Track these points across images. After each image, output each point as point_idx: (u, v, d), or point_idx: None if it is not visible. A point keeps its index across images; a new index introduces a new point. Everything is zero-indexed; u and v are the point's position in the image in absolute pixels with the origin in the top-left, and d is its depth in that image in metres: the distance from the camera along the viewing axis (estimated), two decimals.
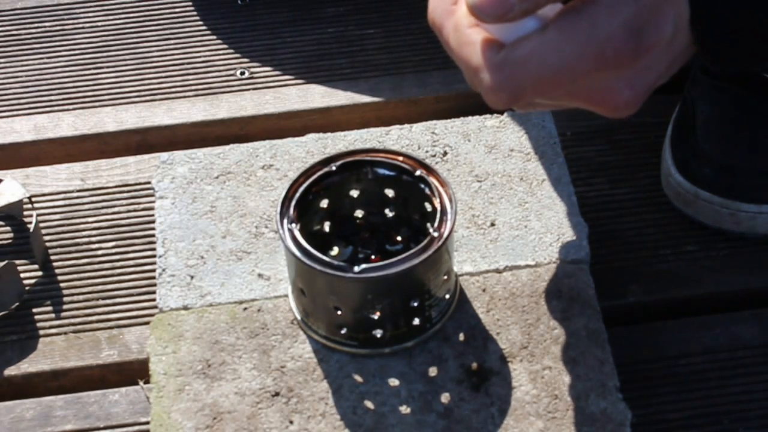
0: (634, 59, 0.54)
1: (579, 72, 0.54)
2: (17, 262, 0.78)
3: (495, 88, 0.55)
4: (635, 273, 0.77)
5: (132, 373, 0.74)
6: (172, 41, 0.94)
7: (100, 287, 0.78)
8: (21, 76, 0.92)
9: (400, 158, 0.71)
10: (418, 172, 0.70)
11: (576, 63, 0.53)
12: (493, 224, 0.76)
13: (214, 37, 0.94)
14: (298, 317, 0.71)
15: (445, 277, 0.69)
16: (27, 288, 0.78)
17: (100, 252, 0.80)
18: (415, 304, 0.68)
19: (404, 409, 0.67)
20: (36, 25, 0.96)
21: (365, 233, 0.75)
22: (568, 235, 0.75)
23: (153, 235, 0.79)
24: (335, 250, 0.74)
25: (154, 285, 0.76)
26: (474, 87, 0.59)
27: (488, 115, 0.82)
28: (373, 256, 0.74)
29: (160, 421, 0.68)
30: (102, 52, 0.94)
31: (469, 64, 0.56)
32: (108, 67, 0.93)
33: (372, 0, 0.96)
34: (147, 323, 0.75)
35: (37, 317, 0.77)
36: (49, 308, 0.77)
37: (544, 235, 0.75)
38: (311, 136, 0.82)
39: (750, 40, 0.57)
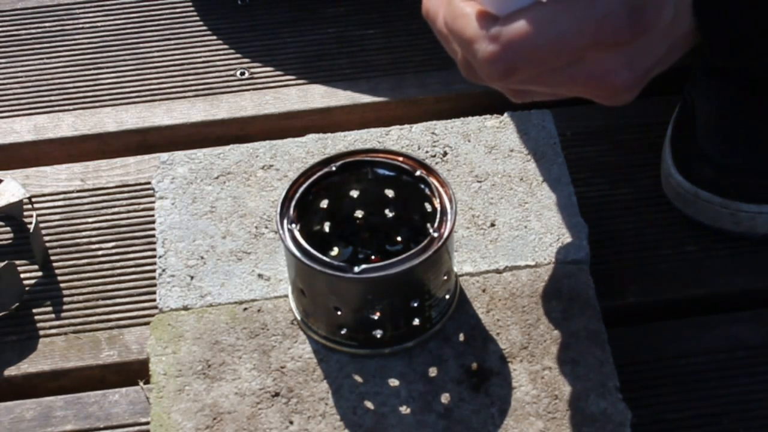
0: (633, 38, 0.53)
1: (576, 47, 0.53)
2: (17, 262, 0.78)
3: (490, 59, 0.54)
4: (635, 273, 0.77)
5: (132, 373, 0.74)
6: (172, 42, 0.94)
7: (100, 287, 0.78)
8: (21, 76, 0.92)
9: (400, 158, 0.71)
10: (418, 173, 0.70)
11: (573, 37, 0.53)
12: (493, 224, 0.76)
13: (215, 37, 0.94)
14: (298, 317, 0.71)
15: (445, 278, 0.69)
16: (27, 288, 0.78)
17: (100, 252, 0.80)
18: (415, 305, 0.68)
19: (404, 410, 0.67)
20: (36, 25, 0.96)
21: (365, 233, 0.75)
22: (568, 235, 0.75)
23: (153, 236, 0.79)
24: (335, 251, 0.74)
25: (154, 285, 0.76)
26: (466, 72, 0.58)
27: (488, 116, 0.82)
28: (373, 257, 0.74)
29: (160, 421, 0.68)
30: (102, 53, 0.94)
31: (462, 36, 0.55)
32: (108, 67, 0.93)
33: (372, 0, 0.96)
34: (147, 323, 0.75)
35: (37, 317, 0.77)
36: (49, 308, 0.77)
37: (544, 235, 0.75)
38: (311, 137, 0.82)
39: (752, 32, 0.57)
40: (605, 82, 0.55)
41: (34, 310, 0.77)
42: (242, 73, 0.91)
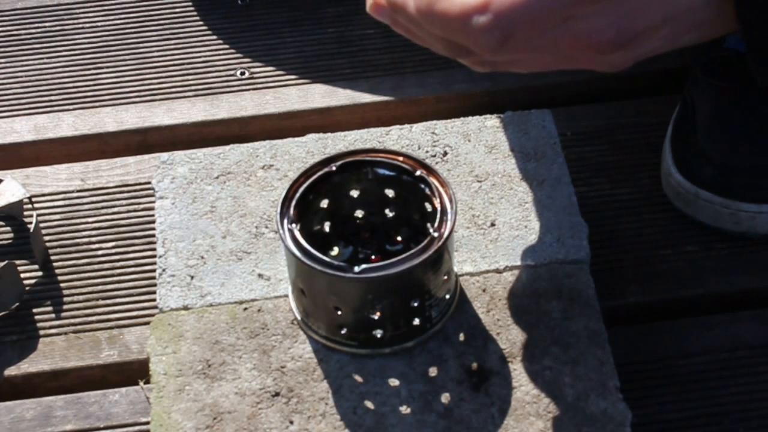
0: None
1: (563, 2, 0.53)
2: (17, 262, 0.78)
3: (486, 29, 0.54)
4: (635, 273, 0.77)
5: (132, 373, 0.74)
6: (172, 41, 0.94)
7: (100, 287, 0.78)
8: (21, 76, 0.92)
9: (401, 158, 0.71)
10: (418, 173, 0.70)
11: None
12: (493, 224, 0.76)
13: (215, 37, 0.94)
14: (299, 317, 0.71)
15: (445, 277, 0.69)
16: (27, 288, 0.78)
17: (100, 252, 0.80)
18: (416, 304, 0.68)
19: (404, 409, 0.67)
20: (36, 25, 0.96)
21: (365, 233, 0.75)
22: (568, 235, 0.75)
23: (153, 235, 0.79)
24: (335, 250, 0.74)
25: (154, 285, 0.76)
26: (449, 52, 0.58)
27: (488, 116, 0.82)
28: (373, 256, 0.74)
29: (160, 421, 0.68)
30: (102, 53, 0.94)
31: (449, 16, 0.55)
32: (108, 67, 0.93)
33: None
34: (147, 323, 0.75)
35: (37, 317, 0.77)
36: (49, 308, 0.77)
37: (544, 235, 0.75)
38: (311, 136, 0.82)
39: None
40: (590, 40, 0.54)
41: (34, 310, 0.77)
42: (242, 73, 0.91)
